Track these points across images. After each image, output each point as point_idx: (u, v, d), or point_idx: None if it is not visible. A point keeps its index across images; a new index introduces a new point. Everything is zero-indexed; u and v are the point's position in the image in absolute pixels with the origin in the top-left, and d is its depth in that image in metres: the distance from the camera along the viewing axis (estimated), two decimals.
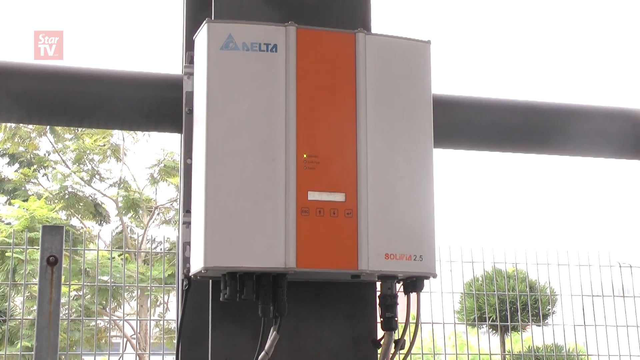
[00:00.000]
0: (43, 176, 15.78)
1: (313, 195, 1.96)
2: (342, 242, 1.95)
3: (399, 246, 1.98)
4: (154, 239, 15.74)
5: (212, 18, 2.16)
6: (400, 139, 2.05)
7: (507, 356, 6.53)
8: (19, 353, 5.39)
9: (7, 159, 15.79)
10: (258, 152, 1.95)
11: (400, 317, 2.08)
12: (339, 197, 1.97)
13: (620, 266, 6.29)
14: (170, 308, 13.93)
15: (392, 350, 2.05)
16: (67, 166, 15.88)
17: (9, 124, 14.84)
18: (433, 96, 2.14)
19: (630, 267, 6.33)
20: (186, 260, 2.09)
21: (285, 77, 1.99)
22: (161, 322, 12.14)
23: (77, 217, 15.86)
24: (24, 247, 6.53)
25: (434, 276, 2.06)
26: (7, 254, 10.45)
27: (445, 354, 5.94)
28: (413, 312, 2.14)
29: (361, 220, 1.97)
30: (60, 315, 2.46)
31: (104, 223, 16.25)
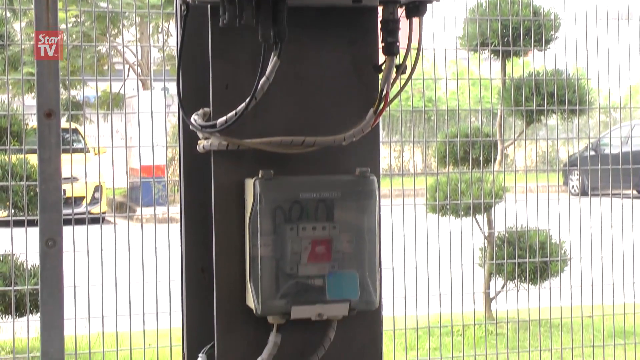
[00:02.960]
0: None
1: None
2: None
3: None
4: None
5: None
6: None
7: (507, 81, 6.58)
8: (21, 78, 5.42)
9: None
10: None
11: (402, 43, 2.06)
12: None
13: None
14: (171, 33, 13.88)
15: (394, 75, 2.04)
16: None
17: None
18: None
19: None
20: None
21: None
22: (163, 48, 12.12)
23: None
24: None
25: (437, 0, 2.01)
26: None
27: (446, 79, 5.98)
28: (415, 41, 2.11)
29: None
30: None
31: None
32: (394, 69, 2.03)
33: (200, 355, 2.08)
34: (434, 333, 5.72)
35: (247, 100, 1.95)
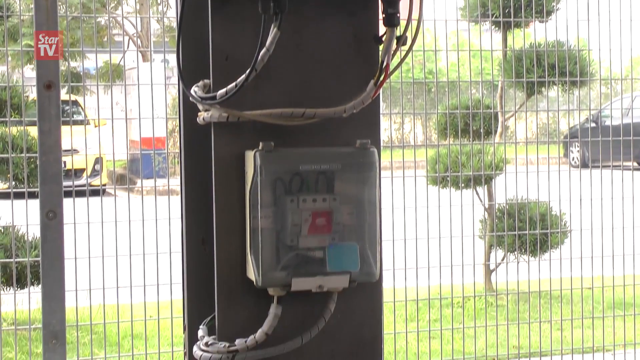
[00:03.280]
0: None
1: None
2: None
3: None
4: None
5: None
6: None
7: (508, 52, 6.55)
8: (20, 49, 5.40)
9: None
10: None
11: (403, 14, 2.04)
12: None
13: None
14: (171, 5, 13.82)
15: (394, 46, 2.03)
16: None
17: None
18: None
19: None
20: None
21: None
22: (162, 19, 12.08)
23: None
24: None
25: None
26: None
27: (447, 50, 5.96)
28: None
29: None
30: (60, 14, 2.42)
31: None
32: (395, 41, 2.02)
33: (201, 327, 2.09)
34: (434, 305, 5.74)
35: (247, 71, 1.94)
